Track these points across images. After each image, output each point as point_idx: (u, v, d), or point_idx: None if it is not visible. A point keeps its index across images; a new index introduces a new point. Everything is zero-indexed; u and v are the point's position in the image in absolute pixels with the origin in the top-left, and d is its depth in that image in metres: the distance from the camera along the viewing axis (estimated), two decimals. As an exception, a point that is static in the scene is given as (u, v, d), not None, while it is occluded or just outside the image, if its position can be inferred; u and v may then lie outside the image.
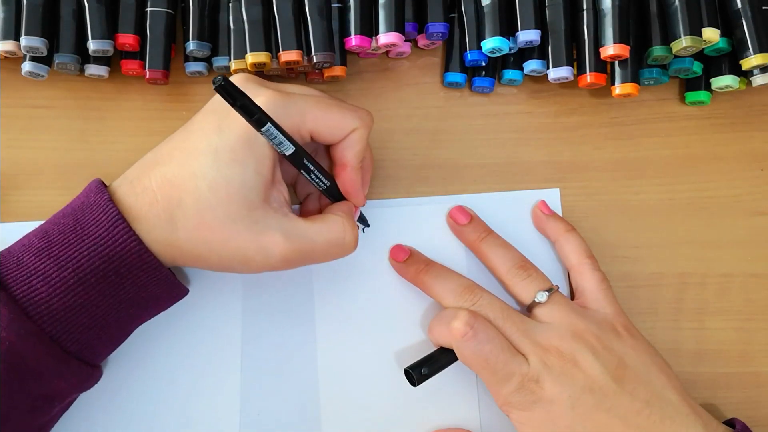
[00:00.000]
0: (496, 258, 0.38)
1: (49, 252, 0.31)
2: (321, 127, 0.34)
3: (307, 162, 0.34)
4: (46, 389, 0.31)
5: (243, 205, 0.32)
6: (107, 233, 0.31)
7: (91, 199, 0.32)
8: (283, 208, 0.34)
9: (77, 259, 0.31)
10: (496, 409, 0.36)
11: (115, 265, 0.31)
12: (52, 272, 0.31)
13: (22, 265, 0.31)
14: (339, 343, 0.39)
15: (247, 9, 0.38)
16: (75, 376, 0.32)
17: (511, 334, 0.35)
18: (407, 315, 0.39)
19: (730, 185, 0.42)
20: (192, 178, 0.32)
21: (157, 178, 0.32)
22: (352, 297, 0.39)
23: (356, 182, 0.36)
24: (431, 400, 0.38)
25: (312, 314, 0.39)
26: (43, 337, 0.30)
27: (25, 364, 0.30)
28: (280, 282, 0.39)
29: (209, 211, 0.31)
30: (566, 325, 0.35)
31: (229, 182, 0.31)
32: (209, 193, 0.31)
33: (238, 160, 0.32)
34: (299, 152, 0.33)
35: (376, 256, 0.40)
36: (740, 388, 0.40)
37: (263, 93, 0.33)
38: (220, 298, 0.39)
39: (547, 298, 0.36)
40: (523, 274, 0.37)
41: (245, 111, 0.30)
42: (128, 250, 0.31)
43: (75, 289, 0.31)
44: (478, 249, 0.39)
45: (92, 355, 0.33)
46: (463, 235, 0.40)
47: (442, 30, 0.40)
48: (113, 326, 0.33)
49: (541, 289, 0.37)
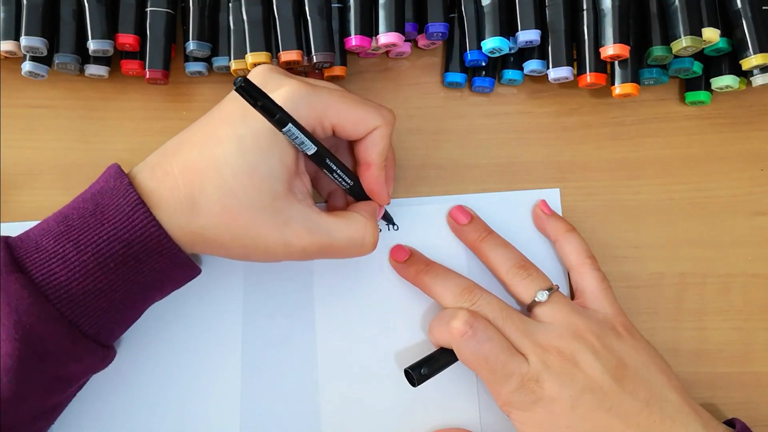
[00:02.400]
0: (496, 257, 0.38)
1: (69, 236, 0.31)
2: (344, 121, 0.33)
3: (329, 162, 0.34)
4: (64, 370, 0.32)
5: (267, 193, 0.31)
6: (128, 218, 0.31)
7: (111, 184, 0.32)
8: (306, 200, 0.33)
9: (97, 244, 0.31)
10: (496, 410, 0.36)
11: (134, 250, 0.31)
12: (71, 256, 0.31)
13: (41, 249, 0.31)
14: (339, 343, 0.39)
15: (247, 9, 0.38)
16: (91, 358, 0.33)
17: (510, 333, 0.35)
18: (407, 315, 0.39)
19: (730, 185, 0.42)
20: (215, 164, 0.31)
21: (179, 164, 0.32)
22: (352, 297, 0.39)
23: (380, 181, 0.35)
24: (431, 400, 0.38)
25: (312, 314, 0.39)
26: (62, 321, 0.30)
27: (44, 346, 0.30)
28: (281, 282, 0.39)
29: (232, 198, 0.31)
30: (566, 324, 0.35)
31: (253, 170, 0.31)
32: (233, 179, 0.31)
33: (262, 149, 0.31)
34: (321, 152, 0.33)
35: (376, 257, 0.40)
36: (740, 388, 0.40)
37: (287, 83, 0.33)
38: (221, 299, 0.39)
39: (547, 297, 0.36)
40: (523, 274, 0.37)
41: (266, 111, 0.30)
42: (149, 235, 0.31)
43: (94, 274, 0.31)
44: (479, 249, 0.39)
45: (108, 337, 0.33)
46: (463, 234, 0.40)
47: (442, 30, 0.40)
48: (129, 309, 0.33)
49: (541, 288, 0.37)
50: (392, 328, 0.39)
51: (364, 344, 0.39)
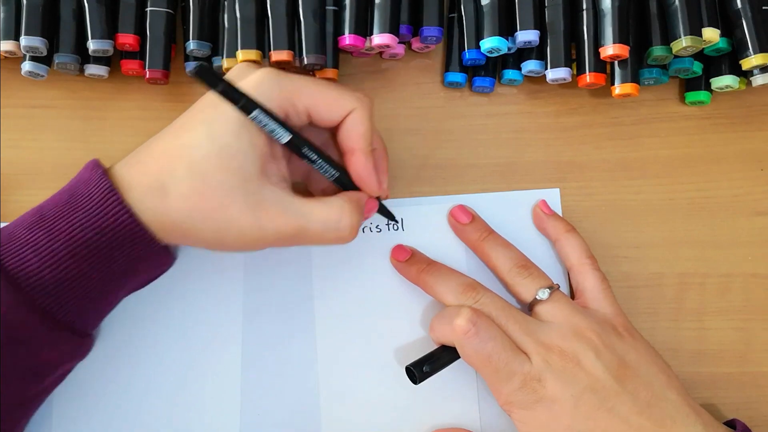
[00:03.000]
0: (497, 257, 0.38)
1: (41, 225, 0.31)
2: (318, 103, 0.33)
3: (307, 151, 0.33)
4: (39, 359, 0.32)
5: (237, 174, 0.31)
6: (99, 206, 0.31)
7: (86, 175, 0.32)
8: (281, 183, 0.33)
9: (68, 231, 0.31)
10: (496, 409, 0.36)
11: (107, 237, 0.31)
12: (43, 244, 0.31)
13: (14, 238, 0.31)
14: (339, 342, 0.39)
15: (240, 6, 0.38)
16: (66, 345, 0.32)
17: (513, 332, 0.35)
18: (407, 314, 0.39)
19: (730, 185, 0.42)
20: (185, 148, 0.32)
21: (152, 151, 0.32)
22: (352, 296, 0.39)
23: (368, 167, 0.34)
24: (431, 399, 0.38)
25: (312, 314, 0.39)
26: (35, 308, 0.30)
27: (17, 334, 0.30)
28: (280, 279, 0.39)
29: (201, 179, 0.31)
30: (568, 323, 0.35)
31: (222, 151, 0.31)
32: (202, 161, 0.31)
33: (233, 131, 0.31)
34: (296, 140, 0.32)
35: (376, 256, 0.40)
36: (740, 388, 0.40)
37: (260, 71, 0.33)
38: (221, 298, 0.39)
39: (548, 295, 0.36)
40: (524, 273, 0.37)
41: (228, 96, 0.30)
42: (120, 222, 0.31)
43: (66, 261, 0.31)
44: (480, 248, 0.39)
45: (83, 325, 0.33)
46: (464, 234, 0.40)
47: (436, 34, 0.40)
48: (104, 296, 0.33)
49: (542, 286, 0.37)
50: (392, 328, 0.39)
51: (364, 344, 0.39)
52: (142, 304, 0.38)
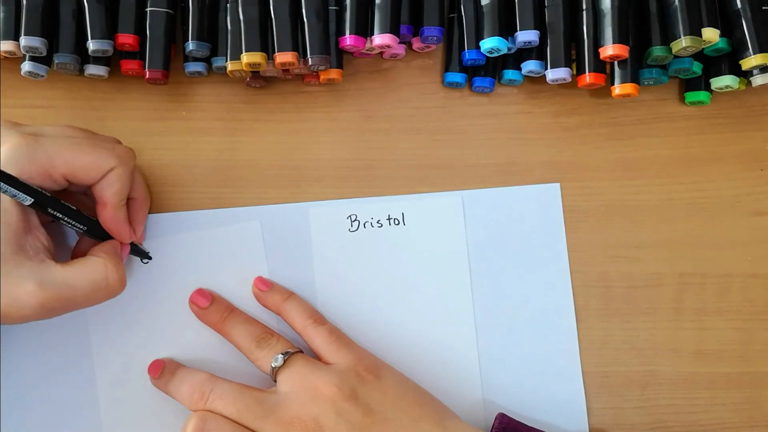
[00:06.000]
0: (237, 335, 0.37)
1: None
2: (74, 169, 0.33)
3: (52, 210, 0.33)
4: None
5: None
6: None
7: None
8: (39, 255, 0.32)
9: None
10: (500, 405, 0.36)
11: None
12: None
13: None
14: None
15: (243, 9, 0.38)
16: None
17: (250, 423, 0.33)
18: (410, 306, 0.39)
19: (730, 185, 0.42)
20: None
21: None
22: (353, 289, 0.40)
23: (117, 220, 0.35)
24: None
25: (314, 305, 0.39)
26: None
27: None
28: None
29: None
30: (305, 387, 0.34)
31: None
32: None
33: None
34: (41, 202, 0.32)
35: (377, 250, 0.40)
36: (740, 388, 0.40)
37: (9, 140, 0.32)
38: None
39: (283, 361, 0.35)
40: (263, 344, 0.36)
41: None
42: None
43: None
44: (222, 330, 0.38)
45: None
46: (205, 317, 0.39)
47: (437, 34, 0.40)
48: None
49: (277, 353, 0.36)
50: (394, 315, 0.39)
51: (364, 336, 0.39)
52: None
